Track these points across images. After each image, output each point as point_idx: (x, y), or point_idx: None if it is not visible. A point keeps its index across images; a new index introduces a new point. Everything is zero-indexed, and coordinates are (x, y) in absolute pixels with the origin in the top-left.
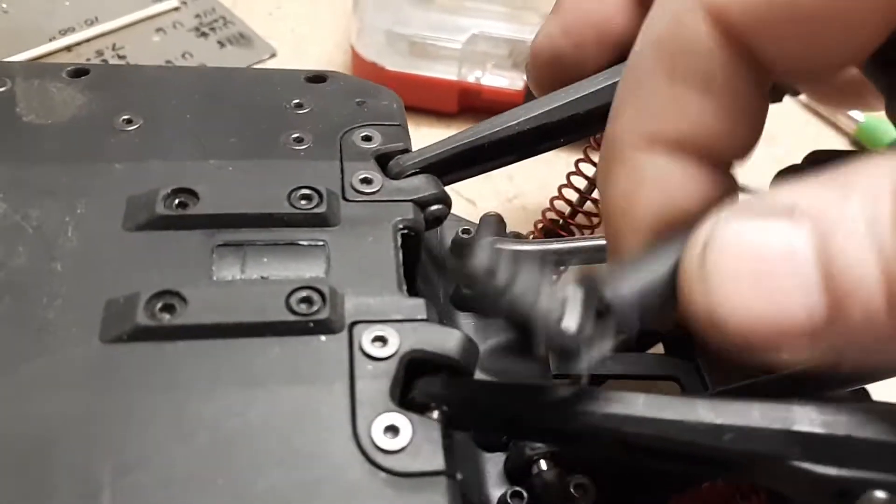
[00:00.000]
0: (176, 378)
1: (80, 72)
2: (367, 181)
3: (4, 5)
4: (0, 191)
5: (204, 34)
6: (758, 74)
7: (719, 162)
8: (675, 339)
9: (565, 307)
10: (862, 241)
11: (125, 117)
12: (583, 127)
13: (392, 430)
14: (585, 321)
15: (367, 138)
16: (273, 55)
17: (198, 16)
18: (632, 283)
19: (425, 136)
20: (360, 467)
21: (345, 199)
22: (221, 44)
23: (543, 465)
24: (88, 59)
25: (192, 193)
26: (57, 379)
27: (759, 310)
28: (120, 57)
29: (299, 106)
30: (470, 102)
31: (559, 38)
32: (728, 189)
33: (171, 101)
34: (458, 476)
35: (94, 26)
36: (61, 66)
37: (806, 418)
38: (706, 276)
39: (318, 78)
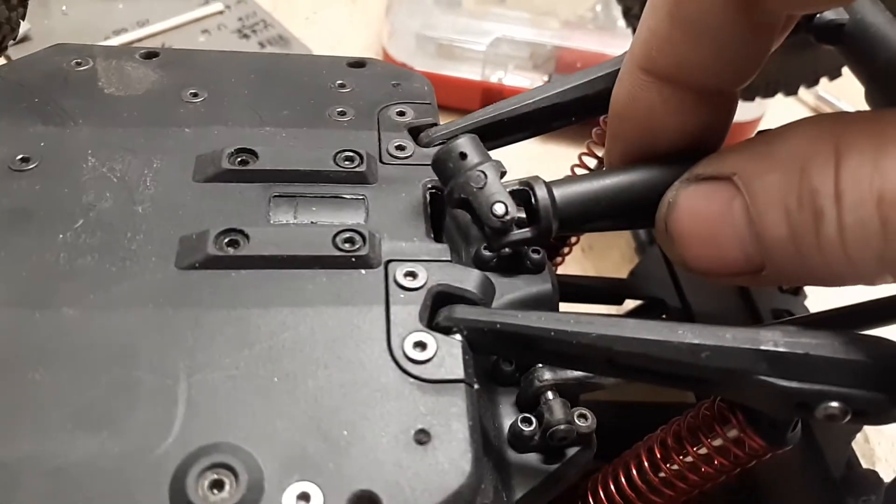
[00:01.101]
0: (239, 298)
1: (151, 54)
2: (400, 147)
3: (64, 7)
4: (89, 148)
5: (246, 36)
6: (750, 12)
7: (707, 93)
8: (677, 310)
9: (503, 196)
10: (777, 209)
11: (192, 91)
12: (592, 107)
13: (420, 345)
14: (512, 209)
15: (402, 113)
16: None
17: (240, 19)
18: (561, 191)
19: None
20: (393, 373)
21: (381, 162)
22: (262, 45)
23: (550, 395)
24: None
25: (252, 153)
26: (141, 297)
27: (710, 258)
28: None
29: (342, 86)
30: (492, 101)
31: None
32: (711, 118)
33: (231, 80)
34: (476, 386)
35: (145, 27)
36: (135, 48)
37: (771, 339)
38: (670, 235)
39: (358, 63)
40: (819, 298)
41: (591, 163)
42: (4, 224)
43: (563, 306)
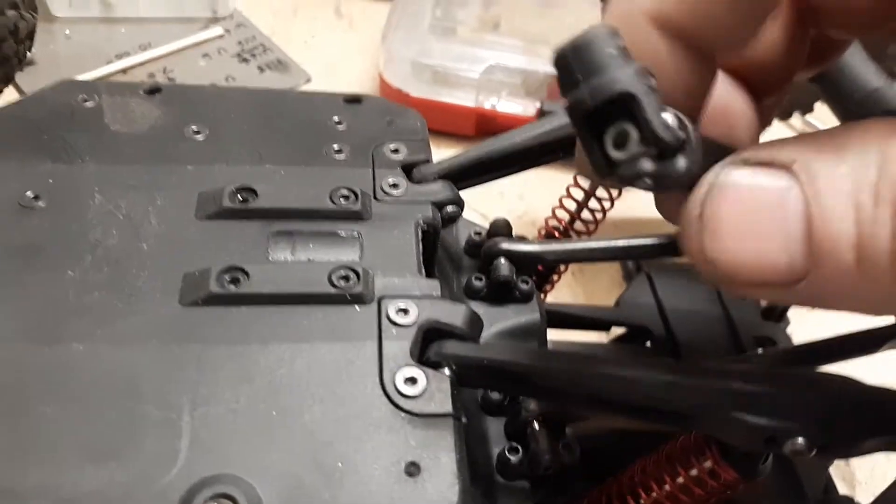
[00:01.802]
0: (240, 334)
1: (154, 89)
2: (394, 185)
3: (67, 31)
4: (96, 185)
5: (245, 60)
6: None
7: (702, 48)
8: (661, 338)
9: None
10: (845, 204)
11: (194, 128)
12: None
13: (411, 380)
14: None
15: (395, 150)
16: (308, 80)
17: (240, 43)
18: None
19: (446, 156)
20: (385, 408)
21: (376, 199)
22: (261, 69)
23: (536, 425)
24: (141, 81)
25: (252, 191)
26: (146, 333)
27: (748, 255)
28: (169, 79)
29: (339, 123)
30: (486, 126)
31: None
32: (703, 85)
33: (231, 116)
34: (463, 419)
35: (147, 51)
36: (137, 84)
37: (742, 379)
38: (705, 221)
39: (354, 99)
40: (801, 327)
41: (578, 194)
42: (17, 260)
43: (552, 333)
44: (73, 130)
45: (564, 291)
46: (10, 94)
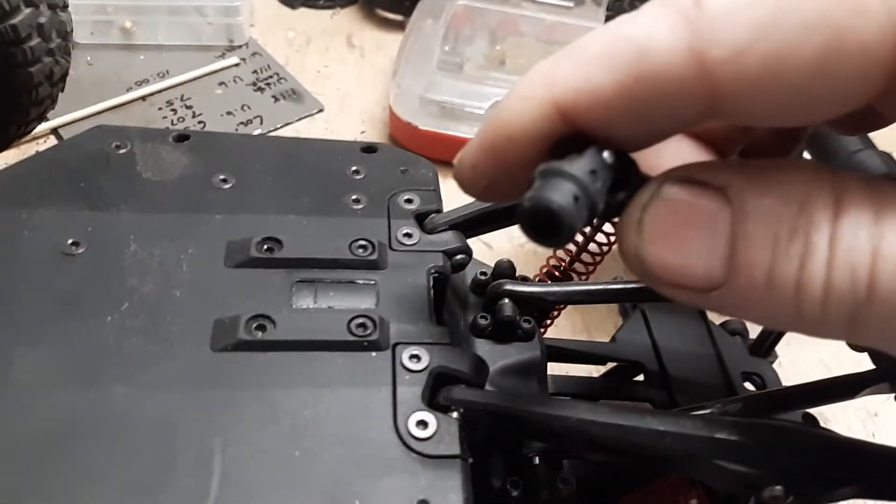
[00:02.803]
0: (266, 379)
1: (182, 137)
2: (408, 235)
3: (89, 58)
4: (131, 233)
5: (260, 89)
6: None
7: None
8: (654, 370)
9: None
10: (765, 233)
11: (221, 177)
12: None
13: (422, 423)
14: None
15: (409, 200)
16: (321, 110)
17: (255, 72)
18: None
19: (452, 186)
20: (398, 449)
21: (391, 248)
22: (276, 98)
23: (536, 460)
24: (160, 109)
25: (278, 241)
26: (180, 377)
27: (672, 258)
28: (187, 107)
29: (356, 172)
30: None
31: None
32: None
33: (256, 165)
34: (470, 460)
35: (166, 79)
36: (167, 131)
37: (725, 429)
38: (642, 226)
39: (370, 149)
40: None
41: (579, 235)
42: (60, 306)
43: (552, 366)
44: (109, 178)
45: (564, 321)
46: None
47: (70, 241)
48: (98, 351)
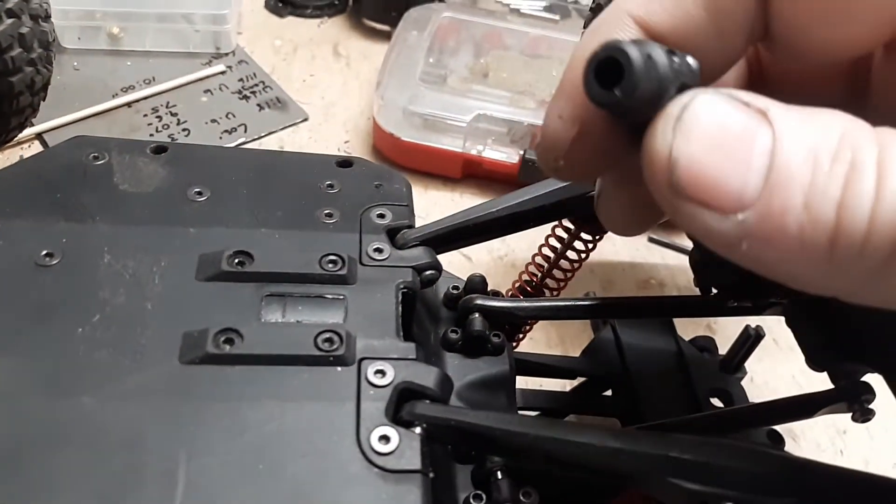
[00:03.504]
0: (233, 392)
1: (160, 149)
2: (378, 251)
3: (75, 63)
4: (105, 245)
5: (245, 97)
6: (760, 32)
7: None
8: (622, 385)
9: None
10: (806, 154)
11: (196, 190)
12: (547, 216)
13: (385, 438)
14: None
15: (381, 216)
16: (305, 119)
17: (241, 80)
18: None
19: (433, 197)
20: (360, 463)
21: (361, 263)
22: (260, 107)
23: (500, 475)
24: (145, 116)
25: (249, 255)
26: (148, 389)
27: (707, 165)
28: (172, 114)
29: (331, 186)
30: (472, 171)
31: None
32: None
33: (232, 178)
34: (431, 475)
35: (152, 86)
36: (145, 142)
37: (678, 447)
38: (682, 121)
39: (346, 163)
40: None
41: (556, 244)
42: (33, 317)
43: (524, 380)
44: (85, 189)
45: (539, 333)
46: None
47: (44, 253)
48: (68, 362)
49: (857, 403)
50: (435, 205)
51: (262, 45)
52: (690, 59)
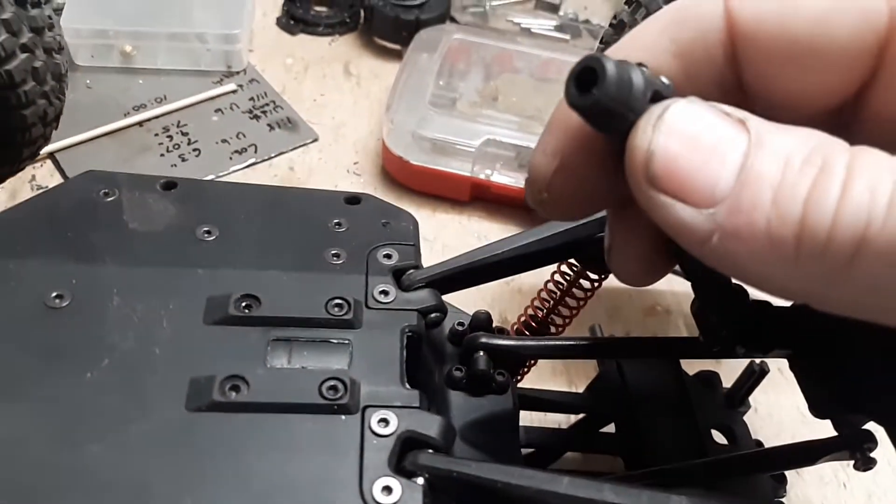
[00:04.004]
0: (238, 440)
1: (169, 185)
2: (384, 293)
3: (88, 81)
4: (115, 287)
5: (256, 117)
6: (732, 86)
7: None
8: (626, 422)
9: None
10: (779, 158)
11: (205, 229)
12: (552, 257)
13: (387, 489)
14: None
15: (388, 256)
16: (315, 140)
17: (252, 99)
18: None
19: (441, 220)
20: None
21: (367, 306)
22: (271, 126)
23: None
24: (156, 135)
25: (256, 298)
26: (154, 437)
27: (683, 160)
28: (183, 134)
29: (339, 225)
30: (480, 194)
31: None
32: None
33: (241, 216)
34: None
35: (163, 104)
36: (154, 178)
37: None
38: (663, 120)
39: (354, 199)
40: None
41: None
42: (41, 360)
43: (525, 415)
44: (95, 227)
45: (544, 364)
46: None
47: (54, 294)
48: (76, 407)
49: (860, 452)
50: (443, 228)
51: (273, 62)
52: (664, 77)
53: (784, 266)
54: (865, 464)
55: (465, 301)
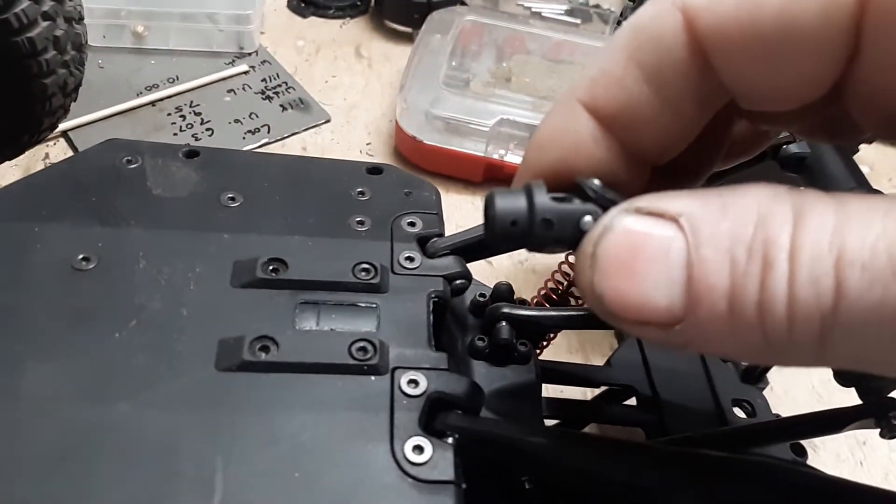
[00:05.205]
0: (268, 400)
1: (192, 153)
2: (410, 259)
3: (100, 61)
4: (141, 250)
5: (269, 97)
6: (712, 92)
7: (636, 151)
8: (647, 395)
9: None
10: (722, 257)
11: (230, 195)
12: None
13: (418, 448)
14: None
15: (412, 224)
16: (327, 121)
17: (264, 80)
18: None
19: (454, 200)
20: (394, 473)
21: (393, 272)
22: (283, 107)
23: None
24: (169, 115)
25: (283, 262)
26: (184, 396)
27: (630, 292)
28: (196, 114)
29: (361, 194)
30: (493, 175)
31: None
32: (629, 178)
33: (264, 184)
34: (464, 486)
35: (175, 85)
36: (177, 146)
37: (704, 465)
38: (596, 260)
39: (376, 170)
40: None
41: None
42: (71, 321)
43: (547, 387)
44: (119, 193)
45: (560, 339)
46: None
47: (81, 257)
48: (105, 367)
49: (885, 420)
50: (456, 208)
51: (284, 45)
52: (594, 184)
53: (760, 353)
54: (891, 431)
55: (479, 278)
